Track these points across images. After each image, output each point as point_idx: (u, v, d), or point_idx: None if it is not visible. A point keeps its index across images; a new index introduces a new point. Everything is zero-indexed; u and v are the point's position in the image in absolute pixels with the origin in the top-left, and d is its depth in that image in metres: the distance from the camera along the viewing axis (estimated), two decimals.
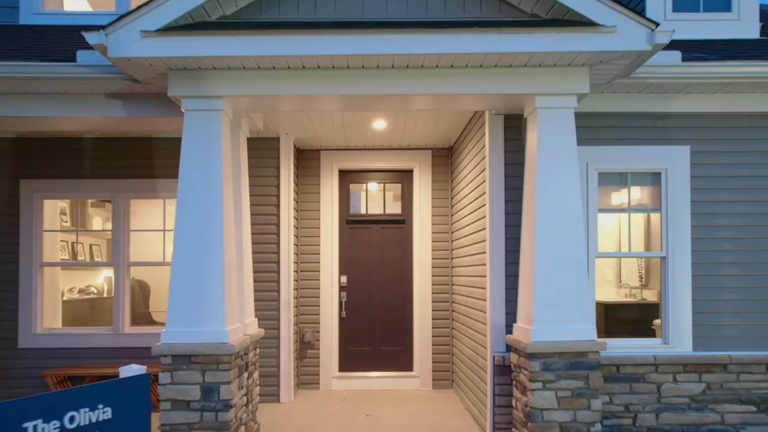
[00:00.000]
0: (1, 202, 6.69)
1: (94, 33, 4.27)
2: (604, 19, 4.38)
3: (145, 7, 4.29)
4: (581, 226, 4.71)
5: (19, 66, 4.83)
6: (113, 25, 4.27)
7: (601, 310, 6.95)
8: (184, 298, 4.64)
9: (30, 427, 3.04)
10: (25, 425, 3.02)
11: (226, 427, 4.54)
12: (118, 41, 4.30)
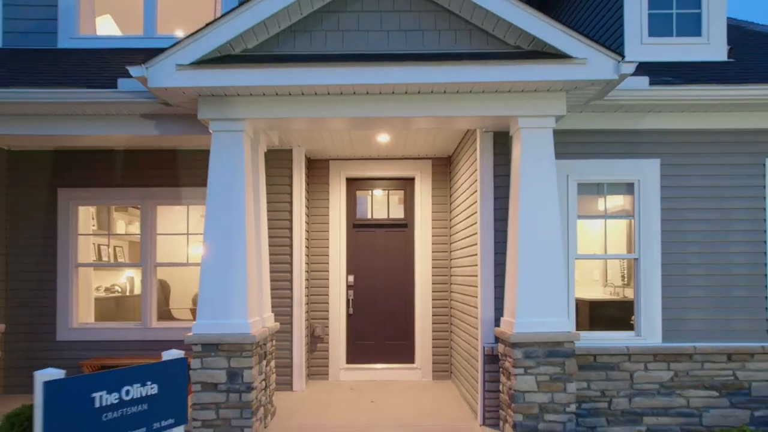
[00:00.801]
0: (40, 209, 7.46)
1: (136, 67, 5.01)
2: (576, 52, 5.09)
3: (180, 44, 5.03)
4: (558, 231, 5.42)
5: (68, 92, 5.58)
6: (152, 59, 5.01)
7: (586, 306, 7.68)
8: (212, 294, 5.38)
9: (97, 397, 3.77)
10: (93, 395, 3.76)
11: (248, 406, 5.27)
12: (156, 73, 5.04)
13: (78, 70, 6.45)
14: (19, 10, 7.41)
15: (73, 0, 7.42)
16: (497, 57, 5.17)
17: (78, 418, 3.67)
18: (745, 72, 6.36)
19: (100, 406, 3.81)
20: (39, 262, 7.44)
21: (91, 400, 3.76)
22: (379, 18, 5.37)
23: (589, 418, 6.03)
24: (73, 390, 3.68)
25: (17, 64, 6.66)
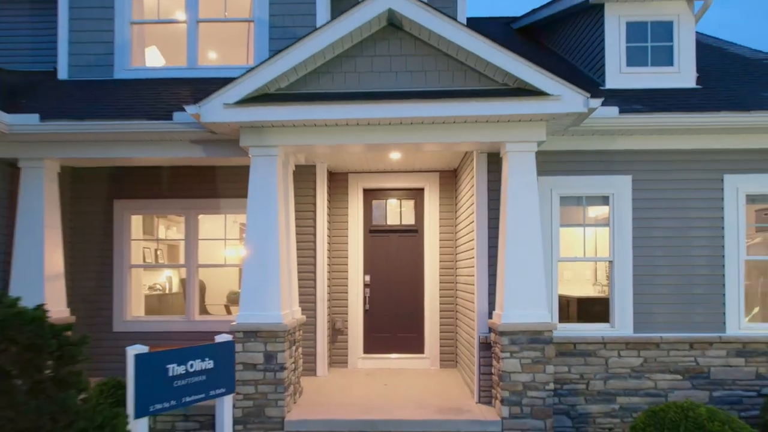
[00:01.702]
0: (99, 218, 8.72)
1: (191, 105, 6.23)
2: (552, 90, 6.20)
3: (226, 87, 6.24)
4: (539, 238, 6.53)
5: (131, 124, 6.83)
6: (204, 99, 6.22)
7: (574, 302, 8.78)
8: (252, 291, 6.57)
9: (170, 368, 4.97)
10: (167, 366, 4.96)
11: (281, 383, 6.46)
12: (207, 111, 6.25)
13: (135, 101, 7.69)
14: (82, 47, 8.68)
15: (126, 37, 8.68)
16: (488, 94, 6.30)
17: (157, 383, 4.88)
18: (707, 100, 7.42)
19: (172, 375, 5.01)
20: (98, 263, 8.71)
21: (166, 369, 4.97)
22: (389, 61, 6.52)
23: (569, 397, 7.13)
24: (153, 361, 4.89)
25: (83, 95, 7.91)
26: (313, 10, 8.65)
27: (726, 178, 7.24)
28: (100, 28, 8.70)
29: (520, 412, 6.33)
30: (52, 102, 7.63)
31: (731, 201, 7.22)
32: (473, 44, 6.27)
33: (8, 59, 9.37)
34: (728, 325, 7.16)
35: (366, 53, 6.53)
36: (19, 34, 9.49)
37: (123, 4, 8.68)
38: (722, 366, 7.14)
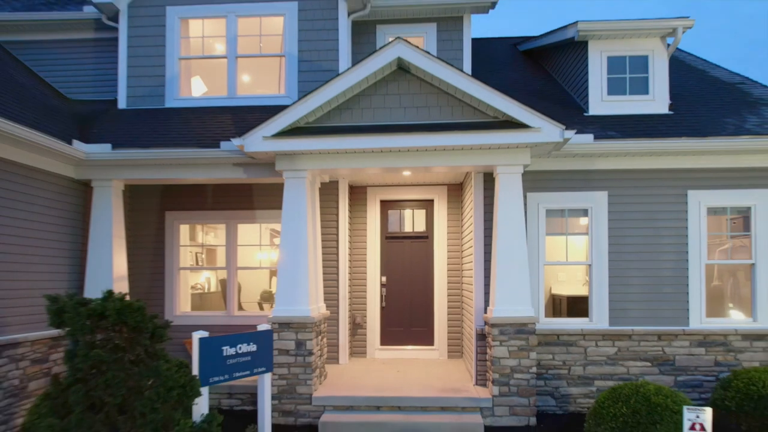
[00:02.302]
0: (152, 227, 10.23)
1: (236, 138, 7.69)
2: (533, 123, 7.52)
3: (265, 123, 7.68)
4: (524, 246, 7.85)
5: (185, 151, 8.32)
6: (246, 133, 7.68)
7: (565, 300, 10.07)
8: (285, 289, 8.00)
9: (224, 349, 6.42)
10: (222, 348, 6.40)
11: (310, 366, 7.87)
12: (249, 142, 7.70)
13: (186, 129, 9.17)
14: (138, 80, 10.20)
15: (175, 71, 10.18)
16: (481, 127, 7.65)
17: (215, 360, 6.32)
18: (675, 125, 8.68)
19: (226, 355, 6.46)
20: (151, 266, 10.22)
21: (221, 350, 6.41)
22: (399, 99, 7.91)
23: (553, 381, 8.44)
24: (212, 343, 6.34)
25: (141, 124, 9.42)
26: (336, 46, 10.08)
27: (689, 194, 8.50)
28: (154, 64, 10.23)
29: (508, 391, 7.67)
30: (117, 130, 9.15)
31: (694, 213, 8.47)
32: (468, 85, 7.61)
33: (75, 90, 10.94)
34: (691, 320, 8.41)
35: (380, 92, 7.92)
36: (84, 68, 11.05)
37: (173, 42, 10.20)
38: (686, 355, 8.40)
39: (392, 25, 10.96)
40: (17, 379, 7.55)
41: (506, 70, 12.10)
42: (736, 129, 8.44)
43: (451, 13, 10.81)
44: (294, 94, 9.99)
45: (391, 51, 7.65)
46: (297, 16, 10.14)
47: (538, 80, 11.26)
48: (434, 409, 7.71)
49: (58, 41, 11.13)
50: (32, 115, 8.02)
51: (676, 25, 9.02)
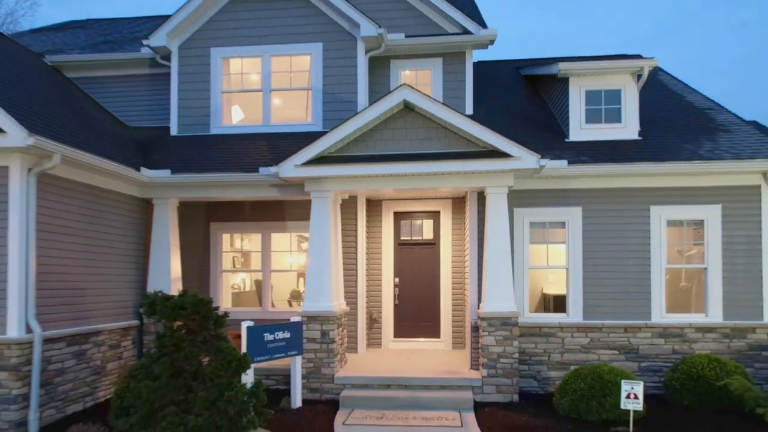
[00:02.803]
0: (200, 236, 12.14)
1: (273, 167, 9.54)
2: (515, 153, 9.25)
3: (296, 154, 9.52)
4: (509, 253, 9.58)
5: (231, 175, 10.20)
6: (281, 162, 9.53)
7: (551, 298, 11.75)
8: (312, 289, 9.83)
9: (265, 335, 8.28)
10: (264, 334, 8.27)
11: (332, 352, 9.68)
12: (283, 170, 9.55)
13: (228, 154, 11.06)
14: (187, 111, 12.14)
15: (218, 103, 12.09)
16: (472, 156, 9.40)
17: (258, 344, 8.18)
18: (642, 150, 10.34)
19: (266, 340, 8.32)
20: (199, 269, 12.14)
21: (263, 336, 8.27)
22: (405, 132, 9.70)
23: (536, 366, 10.15)
24: (256, 331, 8.20)
25: (191, 150, 11.33)
26: (355, 80, 11.90)
27: (652, 209, 10.15)
28: (200, 97, 12.16)
29: (495, 373, 9.41)
30: (173, 156, 11.07)
31: (656, 225, 10.12)
32: (461, 122, 9.38)
33: (132, 117, 12.92)
34: (653, 315, 10.07)
35: (389, 127, 9.72)
36: (140, 99, 13.05)
37: (216, 78, 12.11)
38: (648, 344, 10.05)
39: (404, 59, 12.73)
40: (99, 360, 9.50)
41: (506, 94, 13.80)
42: (690, 154, 10.08)
43: (455, 50, 12.55)
44: (319, 122, 11.84)
45: (397, 95, 9.44)
46: (322, 55, 11.98)
47: (532, 105, 12.95)
48: (435, 387, 9.48)
49: (119, 76, 13.15)
50: (108, 147, 9.96)
51: (643, 65, 10.67)
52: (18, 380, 7.69)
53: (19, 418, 7.69)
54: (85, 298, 9.16)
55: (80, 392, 9.01)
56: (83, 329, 9.04)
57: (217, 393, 6.60)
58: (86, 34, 15.78)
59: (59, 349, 8.48)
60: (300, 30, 12.04)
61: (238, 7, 12.16)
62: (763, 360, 9.88)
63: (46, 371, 8.14)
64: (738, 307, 9.98)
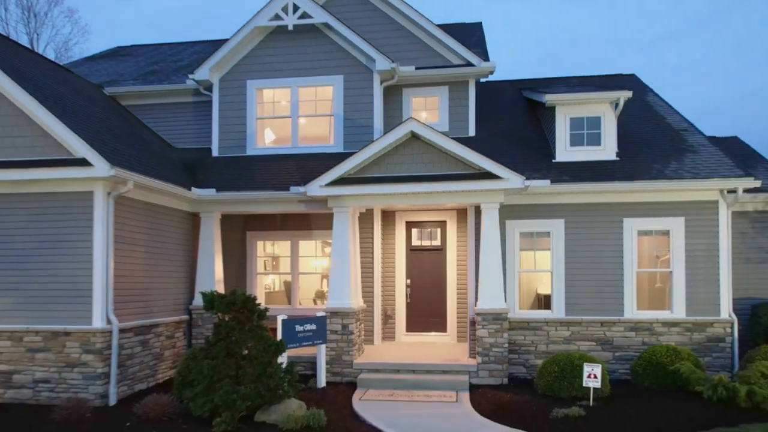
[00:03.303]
0: (237, 243, 14.17)
1: (301, 187, 11.51)
2: (503, 175, 11.10)
3: (321, 176, 11.47)
4: (499, 259, 11.43)
5: (265, 193, 12.20)
6: (308, 183, 11.49)
7: (543, 297, 13.57)
8: (335, 288, 11.79)
9: (296, 327, 10.25)
10: (294, 326, 10.24)
11: (351, 342, 11.62)
12: (310, 189, 11.53)
13: (263, 173, 13.05)
14: (226, 135, 14.18)
15: (253, 128, 14.11)
16: (468, 178, 11.27)
17: (290, 333, 10.16)
18: (617, 170, 12.11)
19: (297, 331, 10.31)
20: (237, 271, 14.16)
21: (294, 327, 10.26)
22: (412, 157, 11.59)
23: (525, 355, 11.99)
24: (289, 323, 10.19)
25: (231, 170, 13.35)
26: (371, 107, 13.82)
27: (624, 221, 11.93)
28: (237, 122, 14.19)
29: (488, 360, 11.27)
30: (216, 176, 13.10)
31: (628, 235, 11.90)
32: (459, 150, 11.24)
33: (177, 139, 15.03)
34: (625, 312, 11.84)
35: (399, 152, 11.63)
36: (185, 123, 15.15)
37: (251, 106, 14.14)
38: (621, 337, 11.83)
39: (414, 87, 14.63)
40: (158, 348, 11.56)
41: (507, 115, 15.62)
42: (658, 173, 11.84)
43: (459, 79, 14.43)
44: (341, 144, 13.80)
45: (406, 126, 11.35)
46: (343, 86, 13.93)
47: (528, 128, 14.75)
48: (437, 372, 11.36)
49: (166, 104, 15.28)
50: (164, 170, 12.00)
51: (620, 96, 12.43)
52: (101, 361, 9.76)
53: (102, 391, 9.76)
54: (148, 296, 11.23)
55: (144, 374, 11.07)
56: (147, 322, 11.11)
57: (261, 370, 8.59)
58: (135, 62, 17.95)
59: (129, 337, 10.54)
60: (323, 64, 14.01)
61: (269, 45, 14.18)
62: (719, 350, 11.62)
63: (120, 355, 10.19)
64: (698, 305, 11.72)
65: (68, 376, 9.83)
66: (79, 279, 9.85)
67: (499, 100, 16.62)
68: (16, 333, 9.95)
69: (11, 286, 10.02)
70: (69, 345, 9.83)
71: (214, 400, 8.23)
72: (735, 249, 13.04)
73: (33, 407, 9.64)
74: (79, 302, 9.84)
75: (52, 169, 9.73)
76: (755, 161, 15.11)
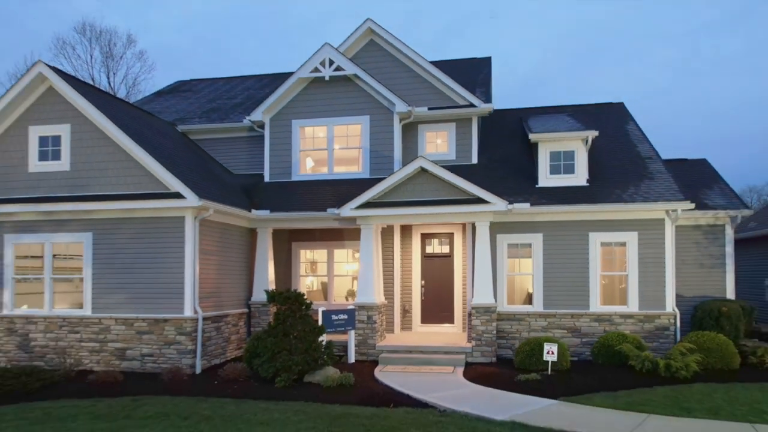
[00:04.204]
0: (284, 251, 17.88)
1: (335, 209, 15.17)
2: (491, 200, 14.59)
3: (351, 201, 15.10)
4: (489, 265, 14.91)
5: (308, 214, 15.88)
6: (342, 206, 15.14)
7: (526, 295, 17.02)
8: (362, 288, 15.42)
9: (332, 315, 13.89)
10: (331, 315, 13.87)
11: (375, 330, 15.23)
12: (342, 211, 15.17)
13: (305, 197, 16.72)
14: (275, 163, 17.92)
15: (297, 158, 17.83)
16: (464, 202, 14.78)
17: (328, 320, 13.85)
18: (586, 194, 15.47)
19: (332, 319, 14.00)
20: (284, 274, 17.87)
21: (331, 316, 13.96)
22: (422, 186, 15.15)
23: (510, 340, 15.43)
24: (327, 313, 13.90)
25: (280, 193, 17.06)
26: (392, 141, 17.41)
27: (590, 234, 15.30)
28: (284, 154, 17.93)
29: (480, 343, 14.76)
30: (269, 198, 16.83)
31: (592, 245, 15.27)
32: (458, 181, 14.75)
33: (235, 167, 18.86)
34: (591, 306, 15.21)
35: (411, 182, 15.18)
36: (241, 153, 18.96)
37: (295, 141, 17.86)
38: (587, 326, 15.20)
39: (427, 124, 18.15)
40: (227, 333, 15.34)
41: (506, 143, 19.05)
42: (617, 198, 15.17)
43: (464, 117, 17.90)
44: (367, 171, 17.40)
45: (416, 163, 14.91)
46: (369, 124, 17.55)
47: (523, 156, 18.12)
48: (441, 353, 14.88)
49: (226, 138, 19.12)
50: (231, 196, 15.76)
51: (588, 135, 15.80)
52: (190, 341, 13.56)
53: (191, 362, 13.55)
54: (220, 293, 15.02)
55: (218, 351, 14.85)
56: (219, 313, 14.89)
57: (307, 345, 12.27)
58: (196, 99, 21.90)
59: (208, 324, 14.30)
60: (353, 107, 17.66)
61: (310, 92, 17.89)
62: (665, 337, 14.92)
63: (203, 337, 13.96)
64: (648, 301, 15.04)
65: (166, 352, 13.66)
66: (174, 281, 13.67)
67: (501, 129, 20.05)
68: (128, 320, 13.82)
69: (124, 286, 13.90)
70: (167, 329, 13.65)
71: (276, 365, 11.94)
72: (690, 256, 16.37)
73: (141, 374, 13.47)
74: (174, 298, 13.65)
75: (154, 201, 13.55)
76: (713, 182, 18.29)
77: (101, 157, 14.04)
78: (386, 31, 18.23)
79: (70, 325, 14.03)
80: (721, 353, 13.19)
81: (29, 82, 14.06)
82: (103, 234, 14.03)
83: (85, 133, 14.12)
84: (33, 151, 14.29)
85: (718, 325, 14.55)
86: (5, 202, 14.13)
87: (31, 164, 14.32)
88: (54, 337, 14.06)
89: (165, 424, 9.08)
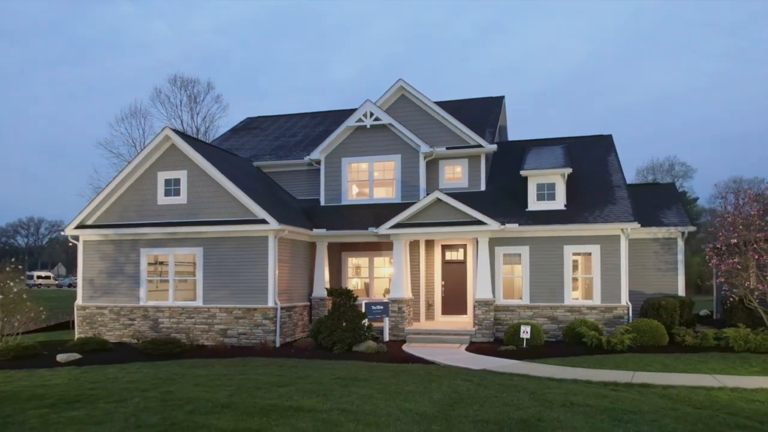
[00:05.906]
0: (337, 260, 23.98)
1: (374, 228, 21.23)
2: (487, 222, 20.42)
3: (386, 222, 21.12)
4: (488, 270, 20.72)
5: (355, 232, 21.96)
6: (380, 226, 21.16)
7: (517, 291, 22.84)
8: (395, 286, 21.44)
9: (372, 305, 19.93)
10: (371, 305, 19.89)
11: (404, 317, 21.20)
12: (380, 230, 21.20)
13: (352, 218, 22.78)
14: (329, 191, 24.07)
15: (345, 186, 23.95)
16: (469, 224, 20.64)
17: (369, 309, 19.90)
18: (563, 216, 21.13)
19: (373, 308, 20.07)
20: (335, 276, 23.95)
21: (371, 306, 20.05)
22: (438, 211, 21.03)
23: (505, 325, 21.13)
24: (368, 304, 20.00)
25: (333, 214, 23.16)
26: (418, 174, 23.38)
27: (564, 247, 20.94)
28: (335, 183, 24.09)
29: (481, 327, 20.57)
30: (325, 219, 22.95)
31: (567, 255, 20.91)
32: (465, 209, 20.61)
33: (297, 193, 25.10)
34: (565, 300, 20.86)
35: (430, 208, 21.08)
36: (301, 182, 25.19)
37: (344, 174, 24.00)
38: (562, 315, 20.85)
39: (446, 160, 24.02)
40: (295, 319, 21.53)
41: (510, 173, 24.72)
42: (584, 219, 20.77)
43: (474, 155, 23.73)
44: (399, 197, 23.38)
45: (433, 195, 20.82)
46: (400, 162, 23.54)
47: (518, 185, 23.76)
48: (452, 335, 20.72)
49: (289, 171, 25.39)
50: (297, 218, 21.90)
51: (565, 171, 21.48)
52: (272, 324, 19.75)
53: (273, 339, 19.73)
54: (291, 290, 21.21)
55: (289, 333, 21.00)
56: (290, 305, 21.07)
57: (355, 326, 18.37)
58: (264, 136, 28.30)
59: (283, 312, 20.43)
60: (388, 148, 23.67)
61: (354, 136, 23.98)
62: (620, 323, 20.34)
63: (280, 321, 20.11)
64: (608, 296, 20.59)
65: (255, 331, 19.88)
66: (260, 281, 19.87)
67: (508, 160, 25.70)
68: (228, 309, 20.10)
69: (225, 285, 20.18)
70: (255, 315, 19.87)
71: (334, 338, 18.03)
72: (650, 262, 21.98)
73: (239, 347, 19.67)
74: (261, 293, 19.86)
75: (246, 225, 19.76)
76: (672, 204, 23.75)
77: (208, 193, 20.37)
78: (414, 88, 24.23)
79: (187, 313, 20.41)
80: (653, 334, 18.71)
81: (159, 142, 20.51)
82: (210, 248, 20.35)
83: (196, 176, 20.46)
84: (160, 189, 20.73)
85: (658, 314, 20.05)
86: (142, 225, 20.61)
87: (159, 199, 20.76)
88: (176, 321, 20.45)
89: (274, 368, 15.24)
